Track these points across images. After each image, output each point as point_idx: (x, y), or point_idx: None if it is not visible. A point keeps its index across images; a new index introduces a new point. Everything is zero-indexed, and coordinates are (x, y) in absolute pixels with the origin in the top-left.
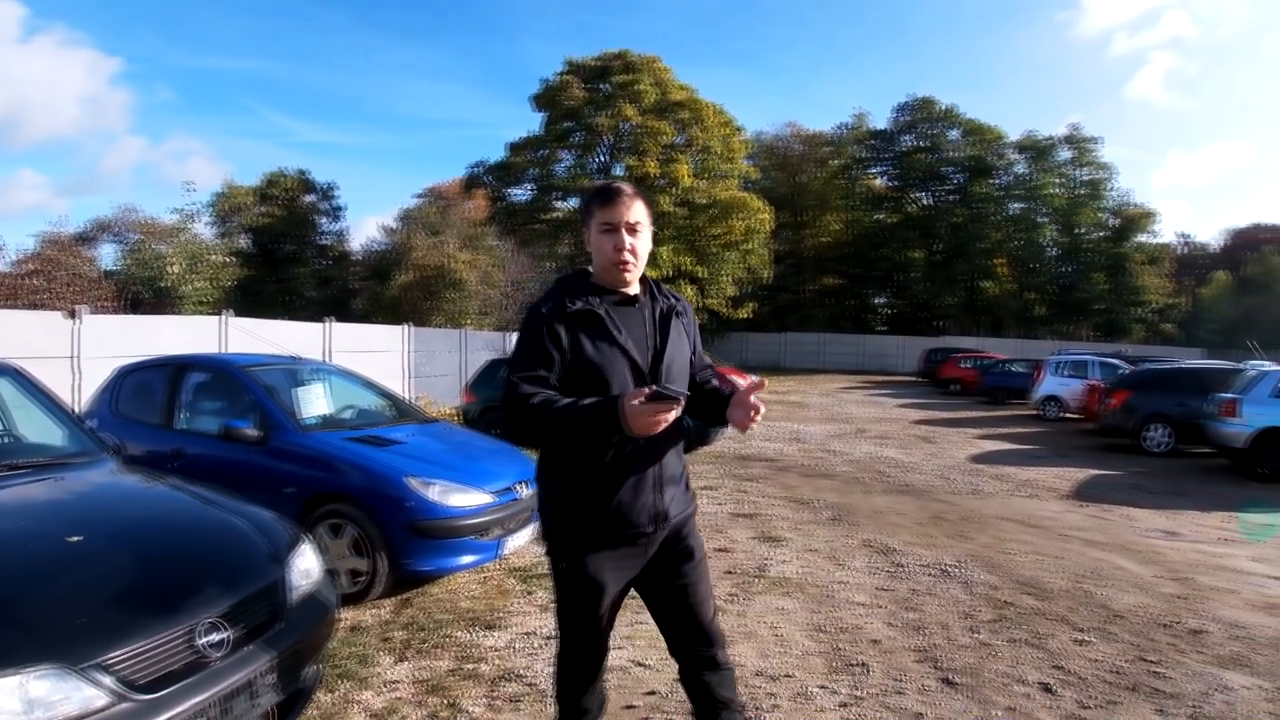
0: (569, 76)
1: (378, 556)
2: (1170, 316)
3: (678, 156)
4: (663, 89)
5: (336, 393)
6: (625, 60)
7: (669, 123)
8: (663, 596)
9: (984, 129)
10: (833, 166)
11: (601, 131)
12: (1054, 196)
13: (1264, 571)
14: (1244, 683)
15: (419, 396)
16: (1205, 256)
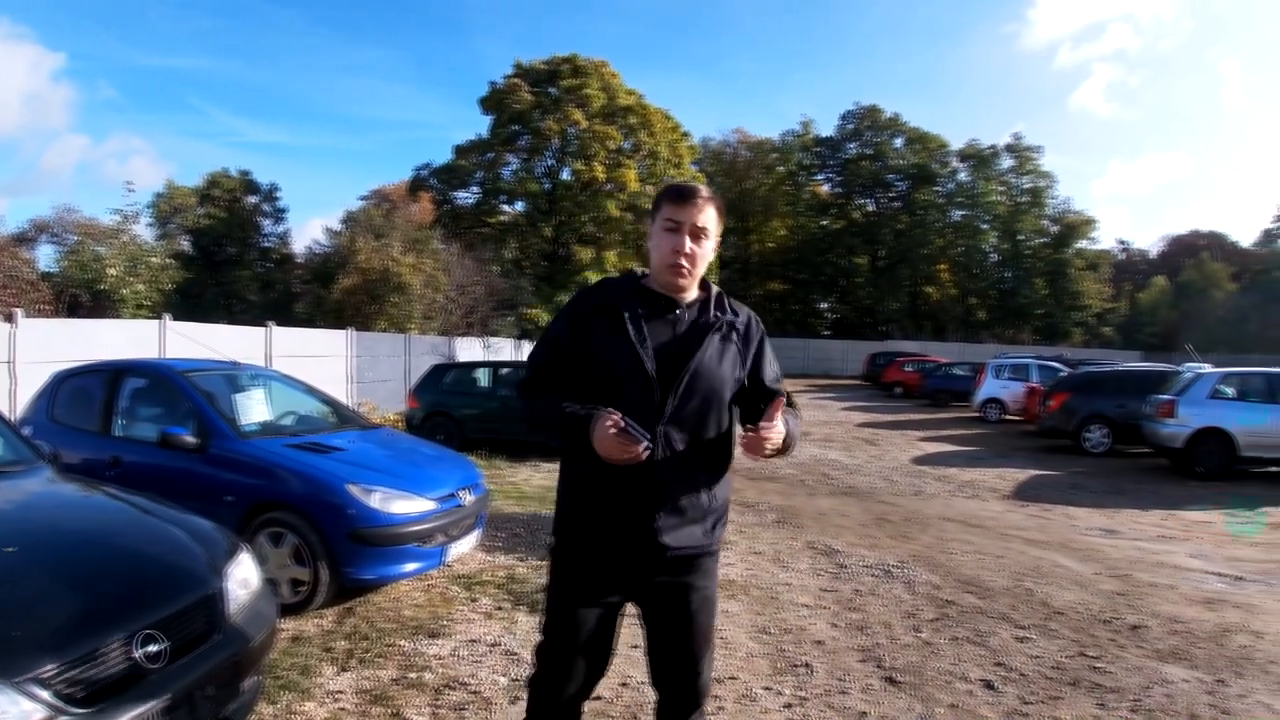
0: (517, 80)
1: (319, 565)
2: (1109, 321)
3: (625, 161)
4: (610, 94)
5: (277, 399)
6: (574, 64)
7: (616, 128)
8: (653, 630)
9: (928, 137)
10: (779, 173)
11: (549, 135)
12: (996, 204)
13: (1202, 567)
14: (1183, 676)
15: (362, 402)
16: (1144, 262)
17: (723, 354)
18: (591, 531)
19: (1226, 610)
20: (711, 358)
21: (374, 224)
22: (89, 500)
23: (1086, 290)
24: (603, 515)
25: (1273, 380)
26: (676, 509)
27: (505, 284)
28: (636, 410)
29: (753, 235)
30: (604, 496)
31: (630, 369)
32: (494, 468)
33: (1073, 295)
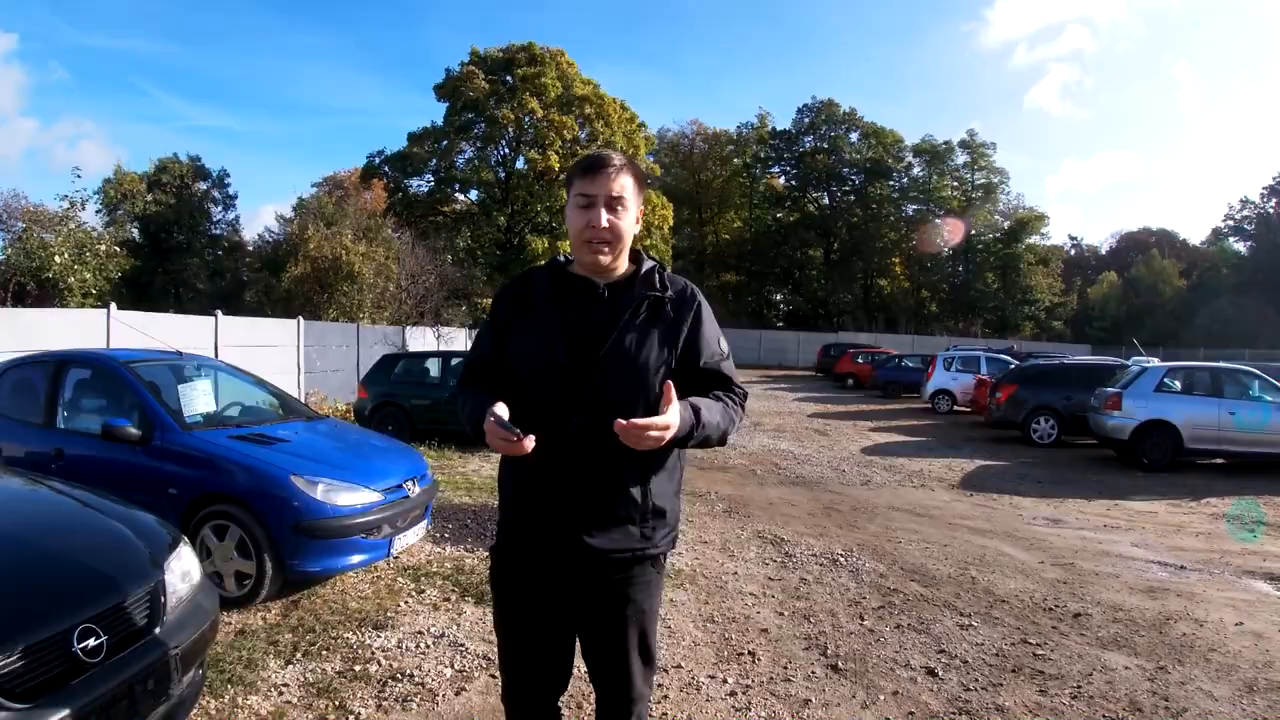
0: (473, 67)
1: (264, 558)
2: (1059, 314)
3: (580, 151)
4: (567, 83)
5: (222, 390)
6: (531, 53)
7: (572, 117)
8: (584, 639)
9: (883, 132)
10: (735, 165)
11: (504, 124)
12: (949, 199)
13: (1145, 556)
14: (1125, 663)
15: (312, 392)
16: (1094, 258)
17: (646, 334)
18: (520, 533)
19: (1169, 599)
20: (631, 339)
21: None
22: (28, 494)
23: (1037, 284)
24: (528, 515)
25: (1218, 375)
26: (602, 508)
27: (458, 273)
28: (552, 403)
29: (708, 227)
30: (529, 496)
31: (543, 360)
32: (444, 458)
33: (1024, 289)
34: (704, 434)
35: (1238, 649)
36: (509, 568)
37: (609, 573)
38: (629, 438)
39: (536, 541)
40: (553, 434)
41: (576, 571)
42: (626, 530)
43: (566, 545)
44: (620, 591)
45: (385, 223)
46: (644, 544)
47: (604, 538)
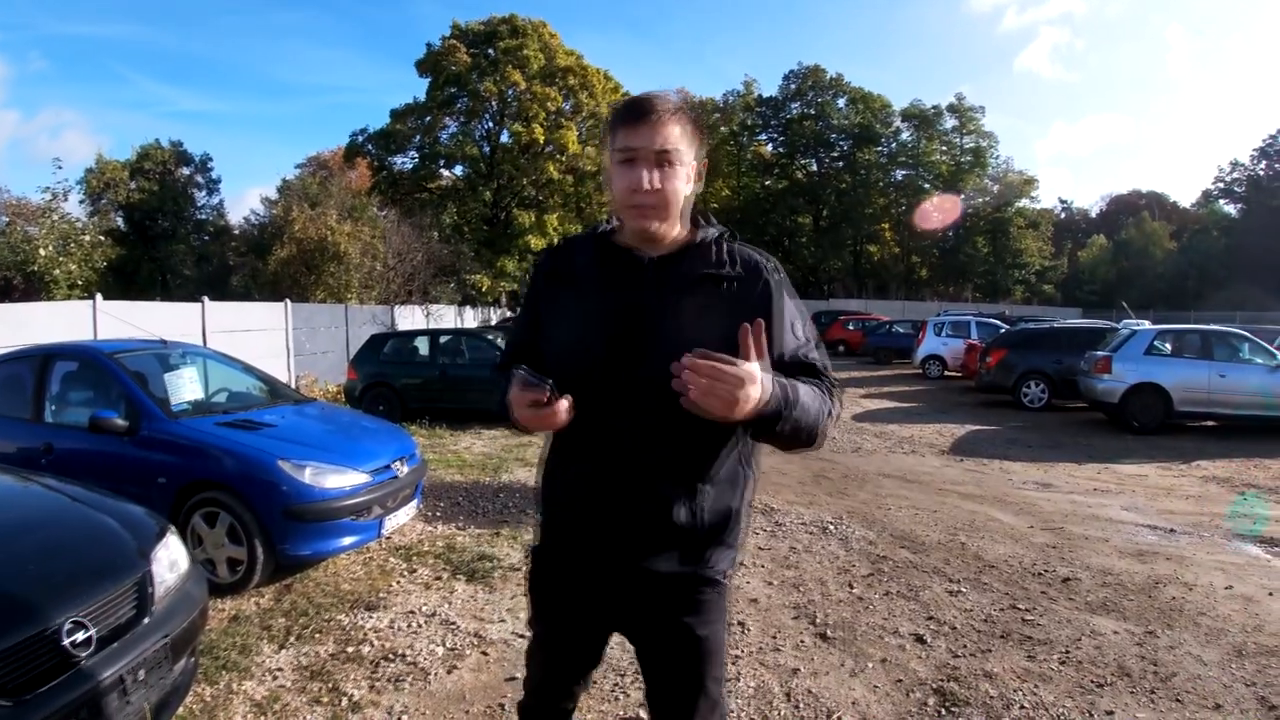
0: (454, 41)
1: (255, 543)
2: (1050, 278)
3: (565, 123)
4: (550, 55)
5: (208, 376)
6: (513, 25)
7: (556, 89)
8: (644, 671)
9: (870, 97)
10: (722, 133)
11: (487, 98)
12: (938, 163)
13: (1135, 520)
14: (1113, 627)
15: (302, 375)
16: (1085, 221)
17: (704, 315)
18: (562, 540)
19: (1158, 562)
20: (687, 322)
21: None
22: (15, 490)
23: (1027, 248)
24: (570, 524)
25: (1207, 337)
26: (645, 524)
27: (445, 250)
28: (589, 398)
29: None
30: (569, 502)
31: (579, 350)
32: (435, 437)
33: (1014, 253)
34: (797, 417)
35: (1227, 613)
36: (549, 572)
37: (657, 593)
38: (698, 385)
39: (579, 552)
40: (592, 436)
41: (623, 587)
42: (674, 551)
43: (609, 561)
44: (671, 615)
45: (370, 201)
46: (694, 566)
47: (648, 557)
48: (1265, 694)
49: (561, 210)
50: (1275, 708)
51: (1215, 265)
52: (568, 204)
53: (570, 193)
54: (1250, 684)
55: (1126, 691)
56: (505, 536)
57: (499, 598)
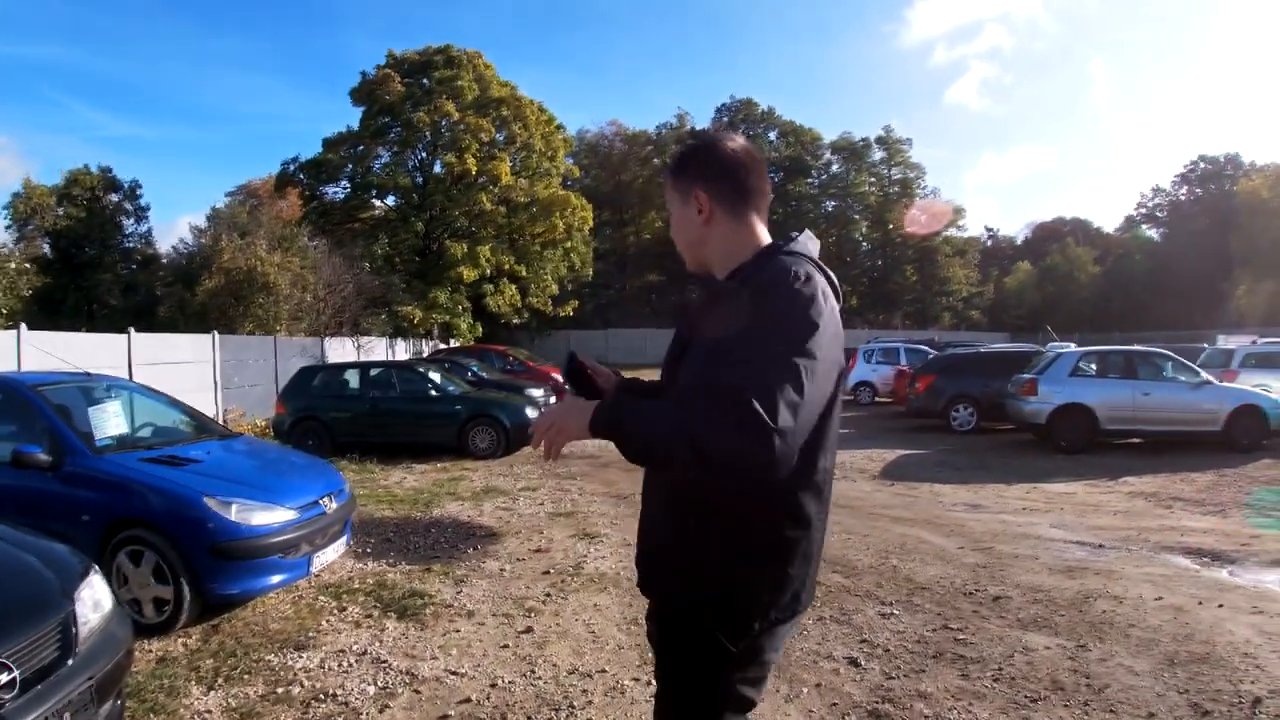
0: (389, 70)
1: (181, 582)
2: (977, 304)
3: (498, 154)
4: (484, 85)
5: (133, 410)
6: (448, 55)
7: (489, 120)
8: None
9: (801, 130)
10: (655, 165)
11: (420, 128)
12: (867, 194)
13: (1064, 537)
14: (1045, 643)
15: (230, 409)
16: (1010, 248)
17: (714, 325)
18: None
19: (1087, 577)
20: (692, 354)
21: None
22: None
23: (955, 276)
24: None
25: (1131, 357)
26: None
27: (376, 281)
28: None
29: (629, 228)
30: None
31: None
32: (365, 471)
33: (941, 281)
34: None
35: (1157, 623)
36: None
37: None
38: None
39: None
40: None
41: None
42: (661, 588)
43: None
44: (660, 647)
45: (301, 231)
46: (676, 605)
47: (648, 587)
48: (1198, 700)
49: (494, 241)
50: (1209, 713)
51: (1139, 288)
52: (500, 235)
53: (503, 224)
54: (1183, 691)
55: (1060, 705)
56: (437, 572)
57: (431, 635)
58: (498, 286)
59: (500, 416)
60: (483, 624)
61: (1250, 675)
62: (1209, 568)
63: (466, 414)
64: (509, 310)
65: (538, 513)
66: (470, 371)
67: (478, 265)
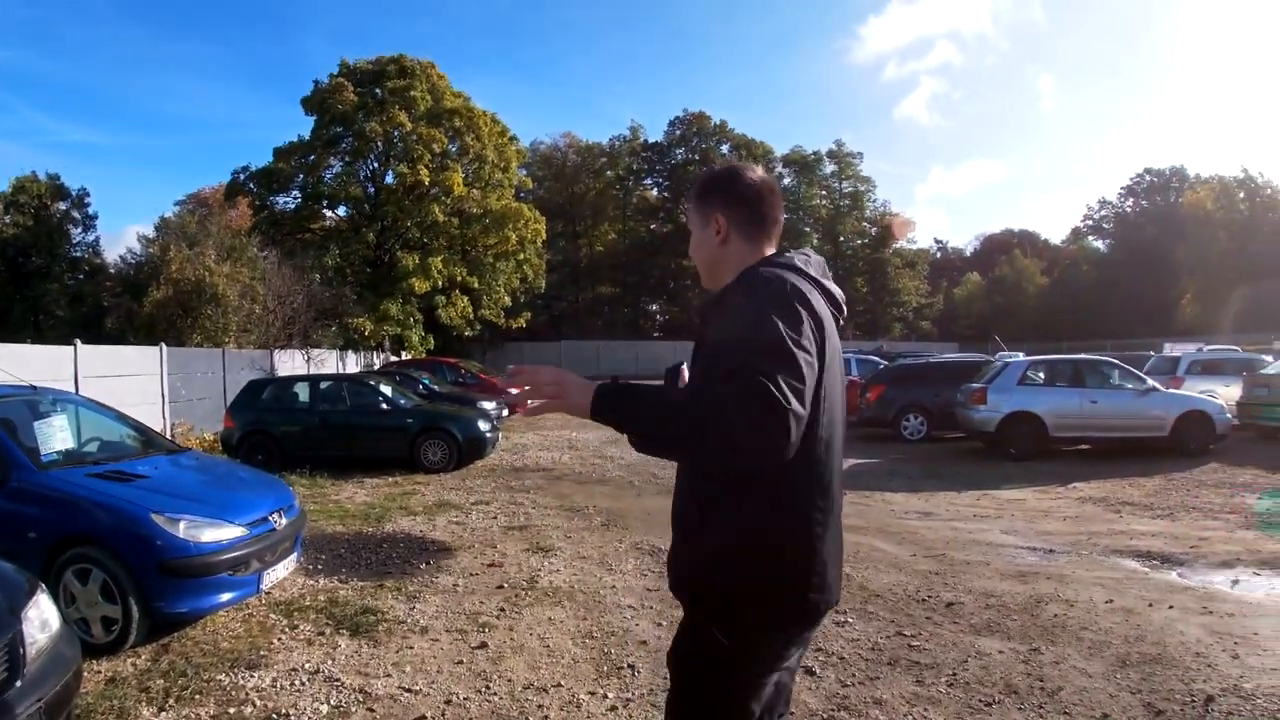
0: (342, 80)
1: (130, 601)
2: (927, 315)
3: (450, 165)
4: (437, 96)
5: (79, 425)
6: (401, 65)
7: (442, 130)
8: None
9: (753, 144)
10: (608, 177)
11: (373, 138)
12: (818, 207)
13: (1015, 543)
14: (998, 647)
15: (178, 423)
16: (960, 260)
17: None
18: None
19: (1039, 582)
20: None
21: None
22: None
23: (905, 287)
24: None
25: (1078, 366)
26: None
27: (327, 293)
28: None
29: (582, 240)
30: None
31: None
32: (316, 486)
33: (892, 292)
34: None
35: (1109, 625)
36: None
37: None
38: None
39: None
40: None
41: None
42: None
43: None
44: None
45: (250, 242)
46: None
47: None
48: (1151, 700)
49: (446, 253)
50: (1162, 713)
51: (1086, 297)
52: (453, 246)
53: (456, 235)
54: (1136, 691)
55: (1015, 708)
56: (389, 588)
57: (384, 652)
58: (450, 298)
59: (452, 430)
60: (436, 640)
61: (1202, 674)
62: (1158, 570)
63: (418, 427)
64: (461, 322)
65: (491, 527)
66: (422, 384)
67: (429, 277)
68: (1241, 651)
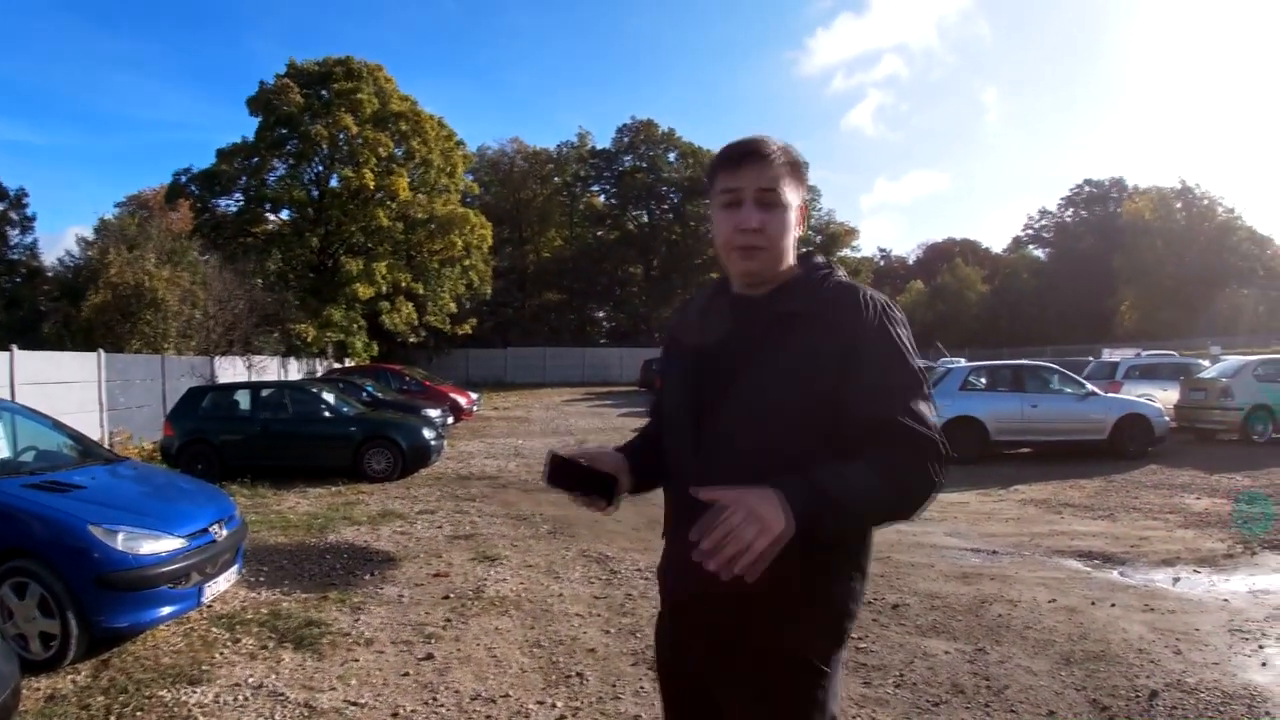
0: (288, 80)
1: (68, 616)
2: None
3: (396, 169)
4: (384, 99)
5: (15, 433)
6: (348, 67)
7: (388, 134)
8: None
9: (700, 152)
10: (555, 183)
11: (318, 140)
12: None
13: (959, 545)
14: (944, 648)
15: (116, 431)
16: (903, 268)
17: (781, 364)
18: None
19: (983, 583)
20: (762, 371)
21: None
22: None
23: None
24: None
25: (1019, 371)
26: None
27: (269, 298)
28: (682, 459)
29: (528, 246)
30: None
31: (675, 402)
32: (258, 496)
33: None
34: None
35: (1052, 624)
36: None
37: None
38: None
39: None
40: (678, 501)
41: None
42: (749, 621)
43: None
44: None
45: (191, 245)
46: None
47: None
48: (1096, 696)
49: (391, 258)
50: (1107, 709)
51: (1027, 305)
52: (398, 252)
53: (401, 240)
54: (1080, 688)
55: (962, 708)
56: (333, 600)
57: (329, 665)
58: (394, 304)
59: (396, 438)
60: (382, 652)
61: (1145, 670)
62: (1100, 569)
63: (361, 435)
64: (406, 328)
65: (436, 536)
66: (365, 392)
67: (374, 282)
68: (1183, 647)
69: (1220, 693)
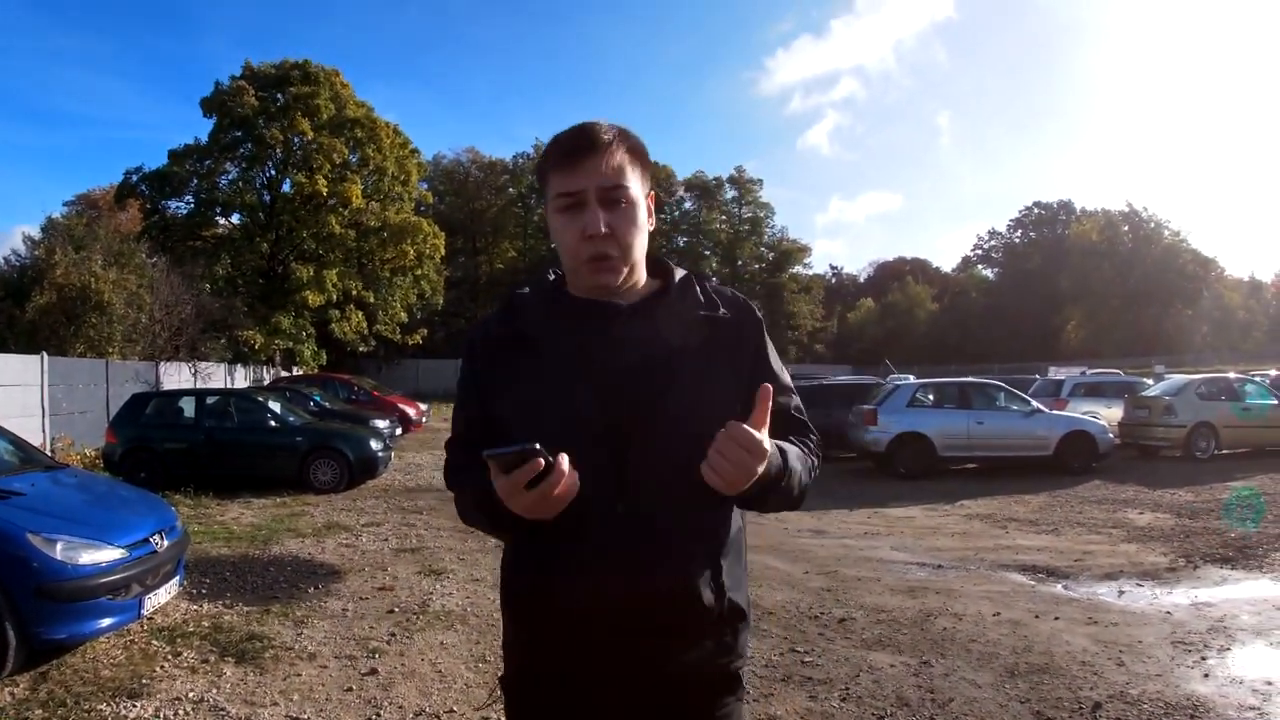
0: (244, 82)
1: (5, 626)
2: (821, 338)
3: (350, 176)
4: (340, 104)
5: None
6: (305, 71)
7: (343, 140)
8: None
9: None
10: (510, 194)
11: (272, 144)
12: (718, 232)
13: (905, 559)
14: (890, 661)
15: (57, 437)
16: (854, 286)
17: (708, 371)
18: (551, 658)
19: (928, 597)
20: (693, 382)
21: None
22: None
23: (800, 311)
24: (564, 634)
25: (966, 388)
26: (666, 617)
27: (217, 303)
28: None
29: (482, 256)
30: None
31: (564, 419)
32: (201, 507)
33: (788, 316)
34: (790, 482)
35: (997, 637)
36: (535, 703)
37: (682, 702)
38: (725, 458)
39: (579, 668)
40: (586, 522)
41: (642, 705)
42: (701, 643)
43: (623, 672)
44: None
45: (139, 247)
46: (726, 658)
47: (671, 657)
48: (1040, 708)
49: (342, 266)
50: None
51: (975, 323)
52: (349, 260)
53: (352, 248)
54: (1024, 700)
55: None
56: (276, 614)
57: (271, 679)
58: (344, 312)
59: (343, 449)
60: (325, 667)
61: (1089, 682)
62: (1044, 583)
63: (308, 446)
64: (355, 338)
65: (382, 549)
66: (313, 401)
67: (324, 290)
68: (1126, 659)
69: (1163, 704)
